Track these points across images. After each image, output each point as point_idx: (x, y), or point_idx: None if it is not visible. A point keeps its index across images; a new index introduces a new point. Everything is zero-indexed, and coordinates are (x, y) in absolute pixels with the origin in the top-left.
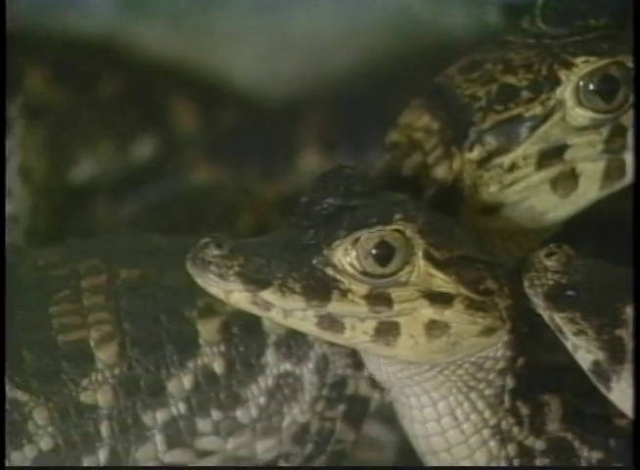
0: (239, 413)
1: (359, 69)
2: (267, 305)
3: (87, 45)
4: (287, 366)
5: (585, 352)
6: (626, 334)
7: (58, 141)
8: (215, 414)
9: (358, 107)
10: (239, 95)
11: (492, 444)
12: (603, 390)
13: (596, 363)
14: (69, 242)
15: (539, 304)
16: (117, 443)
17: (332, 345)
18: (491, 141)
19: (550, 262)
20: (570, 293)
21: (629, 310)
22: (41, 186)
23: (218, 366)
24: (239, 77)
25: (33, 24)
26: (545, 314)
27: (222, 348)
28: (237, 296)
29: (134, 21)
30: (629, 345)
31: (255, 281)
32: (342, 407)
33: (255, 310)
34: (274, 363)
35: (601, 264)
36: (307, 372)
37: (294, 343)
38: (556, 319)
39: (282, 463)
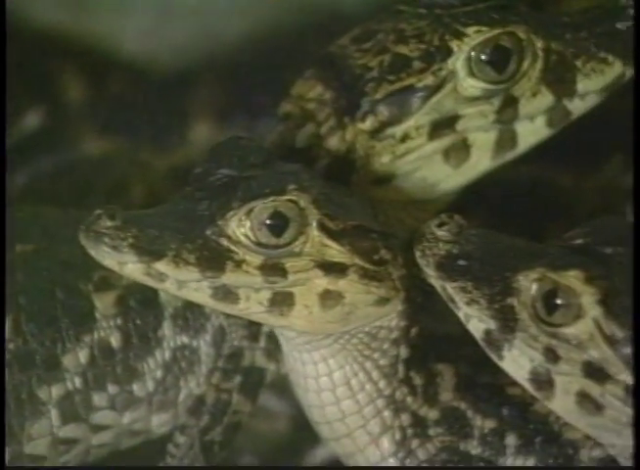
0: (135, 387)
1: (252, 39)
2: (161, 277)
3: None
4: (184, 339)
5: (477, 322)
6: (517, 302)
7: None
8: (111, 388)
9: (251, 78)
10: (130, 65)
11: (386, 413)
12: (495, 358)
13: (488, 332)
14: None
15: (431, 274)
16: (12, 418)
17: (228, 316)
18: (384, 111)
19: (441, 232)
20: (461, 262)
21: (521, 279)
22: None
23: (115, 340)
24: (130, 47)
25: None
26: (437, 284)
27: (119, 321)
28: (131, 267)
29: None
30: (521, 313)
31: (149, 252)
32: (238, 379)
33: (150, 282)
34: (171, 336)
35: (492, 234)
36: (204, 344)
37: (190, 315)
38: (448, 289)
39: (177, 436)
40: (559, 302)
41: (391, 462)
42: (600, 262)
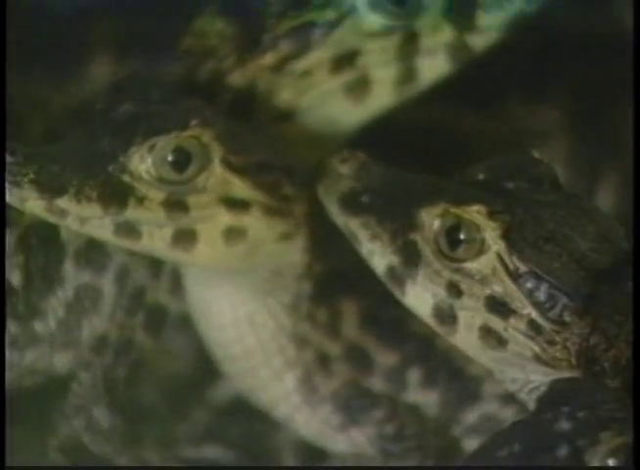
0: (37, 325)
1: None
2: (63, 213)
3: None
4: (86, 277)
5: (380, 258)
6: (420, 238)
7: None
8: (13, 327)
9: (151, 13)
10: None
11: (289, 350)
12: (398, 294)
13: (391, 268)
14: None
15: (333, 210)
16: None
17: (131, 254)
18: (284, 47)
19: (344, 169)
20: (364, 199)
21: (424, 214)
22: None
23: (16, 279)
24: None
25: None
26: (339, 221)
27: (20, 259)
28: (32, 203)
29: None
30: (424, 249)
31: (51, 188)
32: (141, 316)
33: (52, 218)
34: (73, 275)
35: (395, 170)
36: (107, 282)
37: (93, 253)
38: (350, 225)
39: (82, 373)
40: (462, 237)
41: (294, 398)
42: (502, 197)
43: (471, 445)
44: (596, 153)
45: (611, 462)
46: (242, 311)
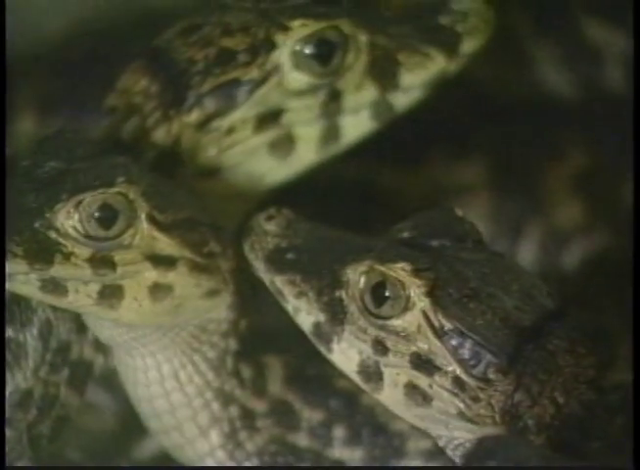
0: None
1: (74, 33)
2: None
3: None
4: (10, 332)
5: (306, 315)
6: (346, 295)
7: None
8: None
9: (76, 71)
10: None
11: (215, 405)
12: (324, 351)
13: (317, 325)
14: None
15: (259, 267)
16: None
17: (55, 309)
18: (209, 104)
19: (270, 226)
20: (289, 256)
21: (349, 272)
22: None
23: None
24: None
25: None
26: (266, 278)
27: None
28: None
29: None
30: (350, 306)
31: None
32: (65, 372)
33: None
34: None
35: (321, 227)
36: (30, 338)
37: (16, 308)
38: (276, 282)
39: (7, 430)
40: (387, 294)
41: (220, 454)
42: (427, 255)
43: None
44: (518, 209)
45: None
46: (167, 367)
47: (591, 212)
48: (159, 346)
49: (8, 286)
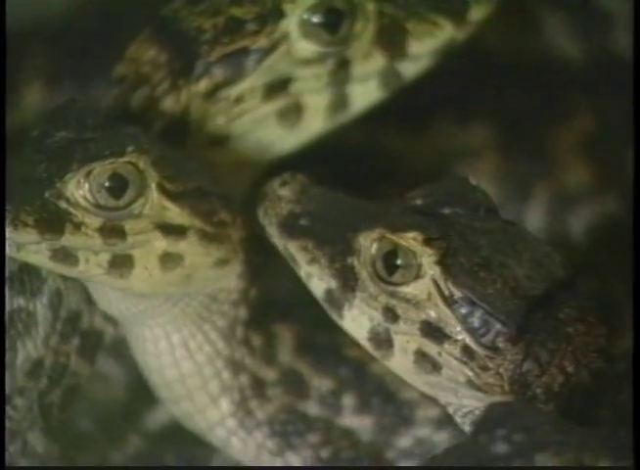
0: None
1: (82, 3)
2: None
3: None
4: (20, 301)
5: (318, 281)
6: (358, 262)
7: None
8: None
9: (83, 41)
10: None
11: (225, 374)
12: (335, 318)
13: (329, 292)
14: None
15: (273, 233)
16: None
17: (65, 279)
18: (217, 73)
19: (284, 192)
20: (303, 222)
21: (361, 239)
22: None
23: None
24: None
25: None
26: (279, 244)
27: None
28: None
29: None
30: (361, 273)
31: None
32: (76, 341)
33: None
34: (7, 299)
35: (335, 194)
36: (41, 307)
37: (27, 278)
38: (289, 248)
39: (16, 399)
40: (398, 262)
41: (230, 423)
42: (439, 223)
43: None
44: (525, 172)
45: None
46: (177, 337)
47: (598, 176)
48: (168, 316)
49: (19, 255)
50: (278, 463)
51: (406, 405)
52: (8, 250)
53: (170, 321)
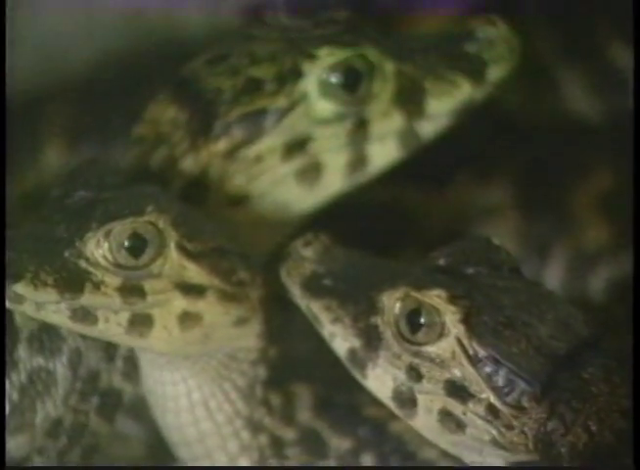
0: None
1: (102, 64)
2: (20, 299)
3: None
4: (40, 361)
5: (342, 340)
6: (381, 321)
7: None
8: None
9: (102, 101)
10: None
11: (244, 434)
12: (358, 377)
13: (352, 351)
14: None
15: (296, 293)
16: None
17: (85, 338)
18: (237, 133)
19: (307, 252)
20: (326, 282)
21: (385, 298)
22: None
23: None
24: None
25: None
26: (302, 303)
27: None
28: None
29: None
30: (385, 332)
31: (7, 275)
32: (95, 401)
33: (8, 304)
34: (27, 358)
35: (357, 254)
36: (60, 366)
37: (46, 337)
38: (313, 308)
39: (36, 458)
40: (422, 320)
41: None
42: (462, 282)
43: None
44: (545, 230)
45: None
46: (197, 395)
47: (617, 235)
48: (189, 372)
49: (38, 315)
50: None
51: (427, 464)
52: (28, 310)
53: (192, 376)
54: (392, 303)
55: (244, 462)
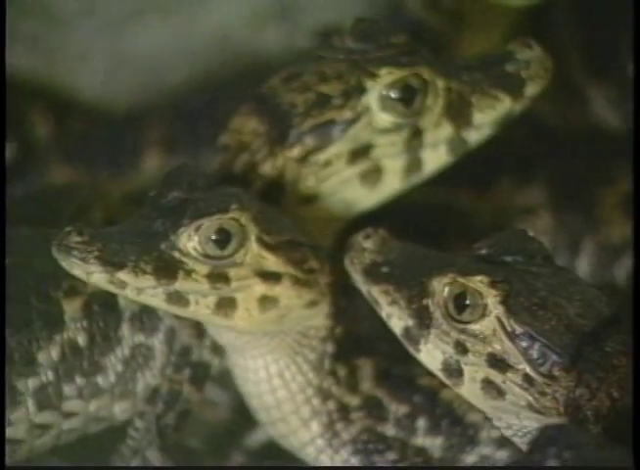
0: (99, 379)
1: (193, 82)
2: (122, 284)
3: None
4: (140, 338)
5: (397, 320)
6: (432, 303)
7: None
8: (79, 380)
9: (193, 115)
10: (89, 106)
11: (315, 400)
12: (412, 352)
13: (407, 329)
14: None
15: (358, 279)
16: None
17: (178, 318)
18: (309, 141)
19: (367, 244)
20: (384, 269)
21: (435, 283)
22: None
23: (81, 339)
24: (88, 91)
25: None
26: (363, 288)
27: (84, 323)
28: (96, 276)
29: None
30: (435, 312)
31: (112, 263)
32: (187, 372)
33: (112, 289)
34: (129, 336)
35: (410, 245)
36: (158, 342)
37: (146, 317)
38: (372, 292)
39: (137, 421)
40: (467, 302)
41: (319, 442)
42: (501, 269)
43: None
44: (575, 227)
45: None
46: (274, 368)
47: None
48: (267, 349)
49: (139, 298)
50: None
51: (472, 427)
52: (130, 294)
53: (269, 353)
54: (441, 287)
55: (315, 425)
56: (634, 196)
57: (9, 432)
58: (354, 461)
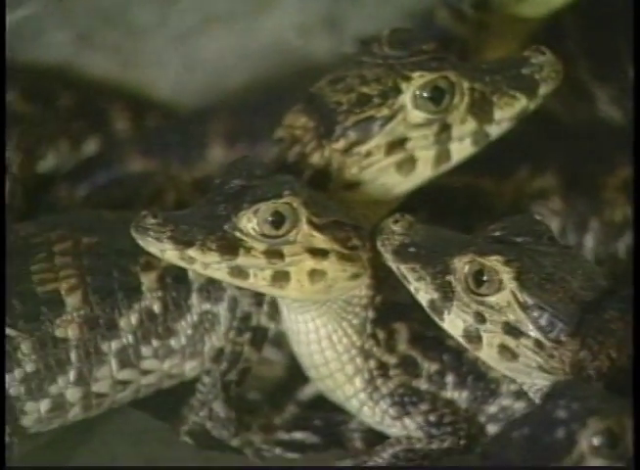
0: (172, 342)
1: (252, 83)
2: (191, 260)
3: (48, 70)
4: (207, 306)
5: (424, 293)
6: (454, 279)
7: (29, 141)
8: (155, 343)
9: (253, 112)
10: (163, 104)
11: (358, 359)
12: (437, 320)
13: (432, 301)
14: (41, 218)
15: (388, 258)
16: (83, 366)
17: (239, 288)
18: (352, 135)
19: (396, 227)
20: (411, 249)
21: (456, 262)
22: (17, 174)
23: (157, 307)
24: (162, 92)
25: (9, 55)
26: (393, 266)
27: (159, 293)
28: (169, 253)
29: (83, 51)
30: (456, 287)
31: (183, 242)
32: (248, 335)
33: (183, 264)
34: (197, 304)
35: (434, 228)
36: (222, 310)
37: (212, 288)
38: (401, 269)
39: (204, 377)
40: (485, 278)
41: (362, 396)
42: (514, 249)
43: (492, 429)
44: (583, 209)
45: (595, 441)
46: (323, 331)
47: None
48: (317, 314)
49: (205, 272)
50: (397, 426)
51: (493, 382)
52: (197, 268)
53: (319, 317)
54: (462, 265)
55: (358, 381)
56: (634, 181)
57: (95, 387)
58: (392, 412)
